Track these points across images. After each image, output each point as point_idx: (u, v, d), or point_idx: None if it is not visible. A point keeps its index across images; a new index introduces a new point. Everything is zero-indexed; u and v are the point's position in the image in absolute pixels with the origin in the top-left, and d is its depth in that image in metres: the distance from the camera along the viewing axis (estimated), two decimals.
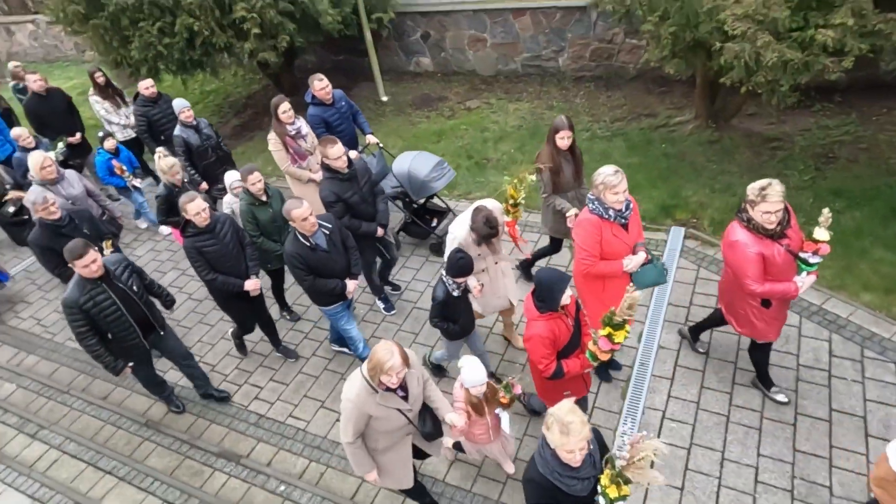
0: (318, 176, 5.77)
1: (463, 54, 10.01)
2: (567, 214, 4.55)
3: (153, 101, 6.89)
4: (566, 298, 3.22)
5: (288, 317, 5.77)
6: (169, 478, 4.47)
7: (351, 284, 4.48)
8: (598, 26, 8.77)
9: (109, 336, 4.15)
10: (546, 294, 3.23)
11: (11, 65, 8.66)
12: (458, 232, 4.18)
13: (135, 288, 4.20)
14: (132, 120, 7.45)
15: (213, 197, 6.32)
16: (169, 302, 4.72)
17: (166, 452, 4.68)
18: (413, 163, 5.84)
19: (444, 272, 3.92)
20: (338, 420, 4.69)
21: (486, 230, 3.95)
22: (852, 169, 6.24)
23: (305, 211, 4.04)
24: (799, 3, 4.73)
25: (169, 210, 5.47)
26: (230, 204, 5.58)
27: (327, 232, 4.29)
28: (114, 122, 7.60)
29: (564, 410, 2.51)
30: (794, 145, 6.78)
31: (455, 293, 3.92)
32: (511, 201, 4.54)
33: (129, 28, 7.60)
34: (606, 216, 3.68)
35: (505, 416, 3.77)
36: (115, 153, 6.82)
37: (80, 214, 5.15)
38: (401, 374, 2.95)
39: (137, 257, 7.01)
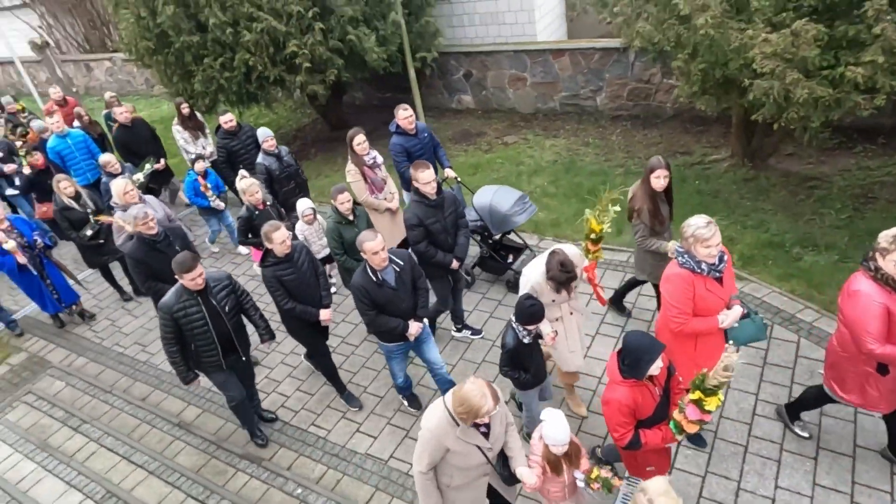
0: (395, 205, 6.02)
1: (503, 92, 10.36)
2: (670, 252, 4.19)
3: (233, 133, 7.23)
4: (655, 369, 2.93)
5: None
6: (195, 475, 4.67)
7: (414, 327, 4.25)
8: (636, 67, 8.97)
9: (192, 347, 4.22)
10: (633, 361, 2.95)
11: (107, 95, 9.37)
12: (531, 275, 3.91)
13: (227, 308, 4.22)
14: (208, 150, 7.90)
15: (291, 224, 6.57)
16: (266, 336, 4.61)
17: (194, 451, 4.90)
18: (495, 196, 5.76)
19: (513, 318, 3.70)
20: (358, 431, 4.83)
21: (563, 275, 3.66)
22: (892, 210, 6.11)
23: (377, 245, 3.91)
24: (829, 42, 4.79)
25: (249, 231, 5.67)
26: (301, 231, 5.79)
27: (398, 269, 4.12)
28: (190, 150, 8.05)
29: (657, 491, 2.33)
30: (833, 185, 6.70)
31: (525, 340, 3.67)
32: (593, 236, 4.26)
33: (193, 63, 8.27)
34: (698, 270, 3.38)
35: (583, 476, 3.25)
36: (204, 176, 7.10)
37: (175, 232, 5.32)
38: (492, 412, 2.82)
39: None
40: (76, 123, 8.67)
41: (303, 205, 5.76)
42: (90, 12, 17.41)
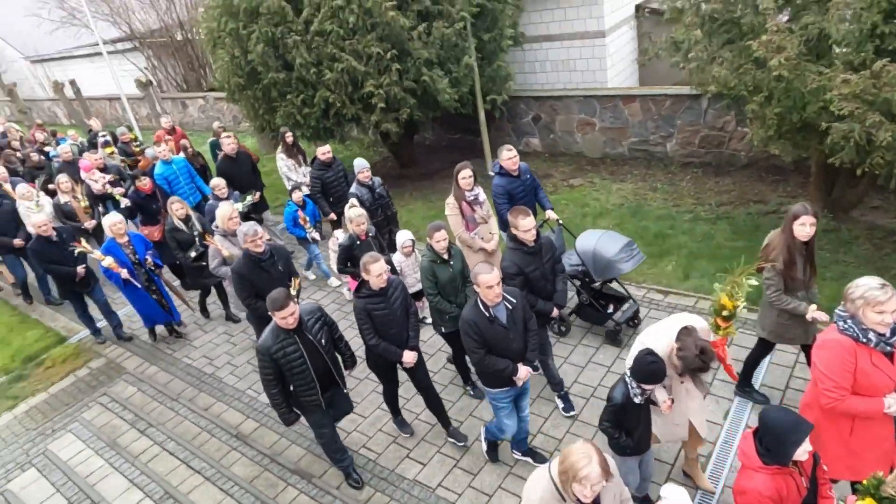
0: (490, 245, 5.91)
1: (571, 136, 10.45)
2: (810, 313, 3.86)
3: (328, 164, 7.42)
4: (802, 454, 2.54)
5: (472, 392, 5.38)
6: (248, 485, 4.77)
7: (523, 371, 4.00)
8: (709, 114, 8.86)
9: (291, 388, 4.13)
10: (774, 444, 2.56)
11: (216, 124, 10.12)
12: (653, 346, 3.47)
13: (323, 342, 4.13)
14: (307, 179, 8.12)
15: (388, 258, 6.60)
16: (350, 362, 4.55)
17: (249, 463, 5.02)
18: (600, 241, 5.53)
19: (628, 372, 3.40)
20: (408, 456, 4.81)
21: (698, 363, 3.22)
22: None
23: (493, 279, 3.71)
24: None
25: (348, 260, 5.60)
26: (398, 262, 5.78)
27: (510, 307, 3.89)
28: (292, 178, 8.33)
29: None
30: None
31: (637, 399, 3.36)
32: (725, 313, 3.88)
33: (277, 99, 8.86)
34: (864, 340, 2.92)
35: None
36: (302, 206, 7.30)
37: (280, 251, 5.33)
38: (596, 487, 2.49)
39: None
40: (181, 154, 9.21)
41: (403, 236, 5.68)
42: (190, 56, 19.05)
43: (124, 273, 6.23)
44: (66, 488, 5.08)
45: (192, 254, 6.55)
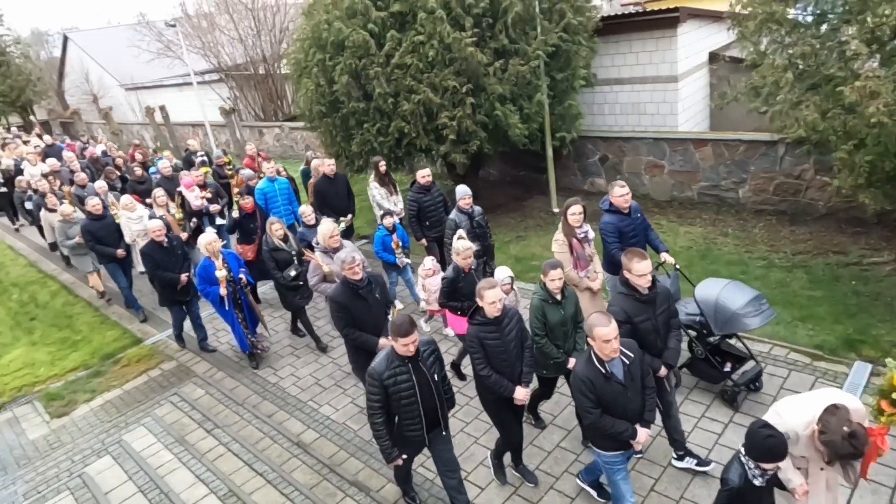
0: (596, 285, 5.67)
1: (638, 178, 10.39)
2: None
3: (427, 189, 7.36)
4: None
5: (533, 423, 5.21)
6: (308, 491, 4.83)
7: (642, 433, 3.64)
8: (786, 161, 8.67)
9: (396, 419, 3.97)
10: None
11: (309, 153, 10.19)
12: (789, 420, 3.10)
13: (436, 377, 3.93)
14: (398, 207, 8.28)
15: None
16: (450, 401, 4.25)
17: (309, 471, 5.09)
18: (723, 291, 5.07)
19: (742, 450, 3.04)
20: (466, 478, 4.75)
21: (847, 448, 2.84)
22: None
23: (611, 332, 3.42)
24: None
25: (452, 294, 5.39)
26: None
27: (627, 362, 3.57)
28: (384, 206, 8.09)
29: None
30: None
31: (756, 482, 2.96)
32: (895, 395, 3.31)
33: (355, 127, 9.27)
34: None
35: None
36: (392, 231, 7.17)
37: (376, 279, 5.17)
38: None
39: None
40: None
41: (502, 272, 5.31)
42: (269, 88, 20.22)
43: (223, 289, 6.31)
44: (138, 477, 5.29)
45: (292, 272, 6.62)
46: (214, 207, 8.93)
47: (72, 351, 7.88)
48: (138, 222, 8.26)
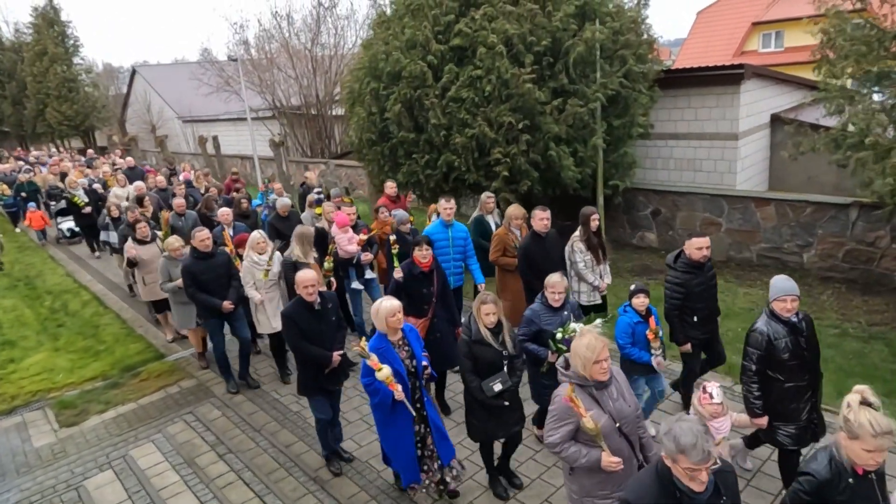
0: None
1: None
2: None
3: (699, 266, 6.75)
4: None
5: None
6: None
7: None
8: (858, 226, 8.08)
9: None
10: None
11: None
12: None
13: None
14: (606, 280, 7.19)
15: None
16: None
17: None
18: None
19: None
20: None
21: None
22: None
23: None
24: None
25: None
26: None
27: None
28: (588, 280, 7.04)
29: None
30: None
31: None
32: None
33: (403, 157, 9.11)
34: None
35: None
36: (647, 315, 6.27)
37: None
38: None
39: None
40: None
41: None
42: (319, 127, 20.64)
43: (399, 391, 3.88)
44: (139, 496, 4.82)
45: (497, 386, 4.16)
46: (367, 256, 6.86)
47: (93, 360, 7.61)
48: (265, 267, 6.22)
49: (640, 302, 4.73)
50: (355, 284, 6.98)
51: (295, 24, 25.52)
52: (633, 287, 4.81)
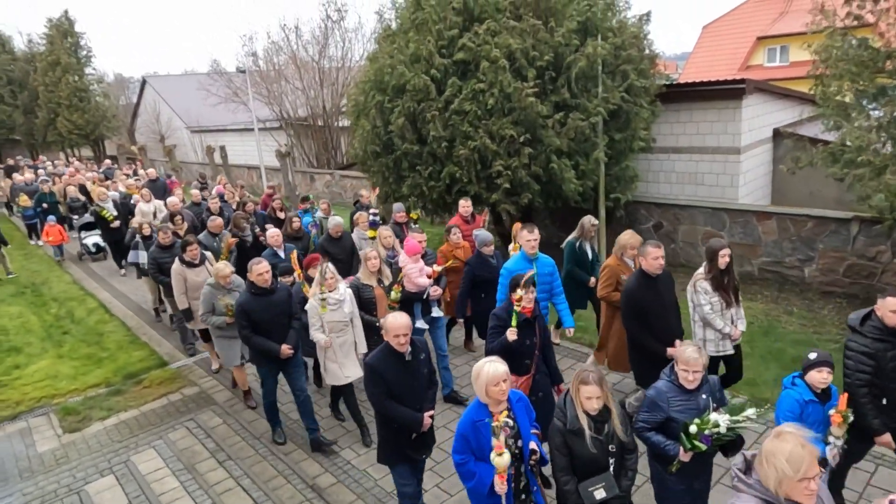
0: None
1: (694, 249, 9.91)
2: None
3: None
4: None
5: None
6: None
7: None
8: (859, 241, 8.10)
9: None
10: None
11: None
12: None
13: None
14: (741, 327, 7.38)
15: None
16: None
17: None
18: None
19: None
20: None
21: None
22: None
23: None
24: None
25: None
26: None
27: None
28: (725, 332, 7.49)
29: None
30: None
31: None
32: None
33: (407, 169, 9.21)
34: None
35: None
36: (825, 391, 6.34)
37: None
38: None
39: None
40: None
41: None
42: (326, 138, 20.82)
43: (502, 486, 3.17)
44: (138, 501, 4.88)
45: (599, 495, 3.48)
46: (436, 291, 5.85)
47: (96, 367, 7.69)
48: (337, 308, 5.11)
49: (823, 378, 3.56)
50: (420, 323, 5.76)
51: (303, 37, 25.90)
52: (812, 356, 3.62)
